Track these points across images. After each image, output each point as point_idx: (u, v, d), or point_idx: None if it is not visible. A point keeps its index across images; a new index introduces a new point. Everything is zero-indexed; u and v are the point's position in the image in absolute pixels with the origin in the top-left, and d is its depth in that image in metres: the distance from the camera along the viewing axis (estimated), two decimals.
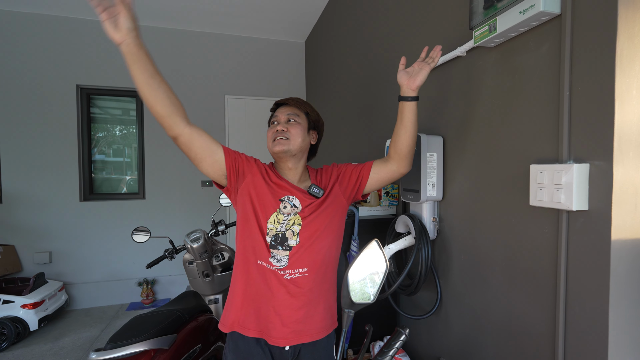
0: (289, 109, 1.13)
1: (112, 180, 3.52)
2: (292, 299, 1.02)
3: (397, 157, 1.12)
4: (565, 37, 0.83)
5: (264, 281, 1.02)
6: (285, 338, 1.01)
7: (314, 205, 1.06)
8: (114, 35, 0.82)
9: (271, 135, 1.10)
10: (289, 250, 1.02)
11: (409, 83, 1.05)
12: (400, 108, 1.09)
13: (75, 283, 3.27)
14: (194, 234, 2.04)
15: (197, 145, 0.99)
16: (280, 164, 1.13)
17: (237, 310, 1.05)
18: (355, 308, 0.62)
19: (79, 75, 3.24)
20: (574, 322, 0.83)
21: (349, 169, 1.16)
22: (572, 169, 0.79)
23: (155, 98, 0.89)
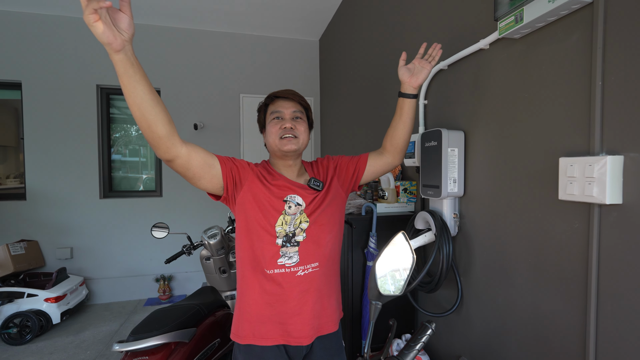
0: (292, 105, 1.08)
1: (129, 178, 3.60)
2: (307, 296, 1.02)
3: (393, 150, 1.16)
4: (597, 25, 0.80)
5: (279, 286, 1.00)
6: (307, 336, 1.01)
7: (318, 201, 1.06)
8: (114, 39, 0.69)
9: (277, 132, 1.05)
10: (297, 246, 1.02)
11: (410, 81, 1.09)
12: (400, 104, 1.11)
13: (95, 278, 3.35)
14: (211, 231, 2.06)
15: (195, 165, 0.91)
16: (281, 161, 1.09)
17: (253, 322, 1.01)
18: (383, 300, 0.62)
19: (99, 76, 3.32)
20: (606, 322, 0.80)
21: (344, 162, 1.16)
22: (605, 161, 0.76)
23: (155, 116, 0.78)
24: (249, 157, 3.68)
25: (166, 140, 0.82)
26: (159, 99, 0.80)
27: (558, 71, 0.92)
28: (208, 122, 3.57)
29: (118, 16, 0.70)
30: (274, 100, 1.10)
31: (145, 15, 3.23)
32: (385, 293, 0.61)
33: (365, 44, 2.45)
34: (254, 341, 1.00)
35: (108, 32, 0.68)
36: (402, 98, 1.11)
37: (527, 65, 1.02)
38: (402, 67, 1.11)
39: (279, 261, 1.00)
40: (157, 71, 3.43)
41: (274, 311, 1.00)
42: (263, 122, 1.13)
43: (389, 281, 0.62)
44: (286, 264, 1.00)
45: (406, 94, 1.10)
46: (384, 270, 0.63)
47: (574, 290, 0.88)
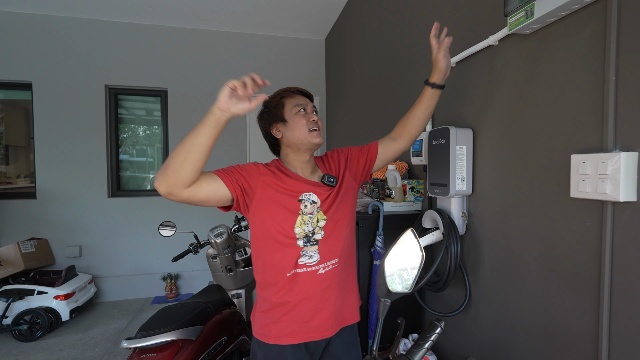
0: (309, 101, 1.09)
1: (137, 178, 3.63)
2: (329, 292, 1.02)
3: (408, 137, 1.16)
4: (611, 19, 0.78)
5: (301, 286, 1.00)
6: (329, 329, 1.02)
7: (332, 197, 1.05)
8: (227, 102, 0.82)
9: (307, 124, 1.03)
10: (316, 245, 1.01)
11: (446, 73, 1.11)
12: (431, 94, 1.11)
13: (104, 276, 3.39)
14: (217, 229, 2.07)
15: (199, 199, 0.90)
16: (298, 156, 1.06)
17: (276, 321, 1.01)
18: (392, 297, 0.61)
19: (108, 76, 3.35)
20: (620, 322, 0.79)
21: (354, 153, 1.15)
22: (619, 157, 0.75)
23: (196, 164, 0.84)
24: (255, 156, 3.70)
25: (181, 185, 0.84)
26: (207, 158, 0.86)
27: (570, 67, 0.90)
28: None
29: (247, 100, 0.85)
30: (292, 94, 1.08)
31: (152, 16, 3.26)
32: (394, 290, 0.61)
33: (371, 43, 2.43)
34: (278, 341, 1.00)
35: (231, 97, 0.82)
36: (435, 89, 1.12)
37: (537, 61, 1.01)
38: (445, 56, 1.10)
39: (300, 261, 1.00)
40: (163, 71, 3.46)
41: (298, 310, 1.00)
42: (281, 117, 1.05)
43: (398, 279, 0.62)
44: (307, 263, 1.00)
45: (441, 86, 1.12)
46: (392, 268, 0.62)
47: (586, 290, 0.87)
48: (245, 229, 2.28)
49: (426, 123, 1.17)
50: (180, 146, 0.83)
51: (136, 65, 3.41)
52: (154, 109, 3.65)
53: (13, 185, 3.40)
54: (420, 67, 1.72)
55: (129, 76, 3.40)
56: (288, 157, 1.09)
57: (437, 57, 1.10)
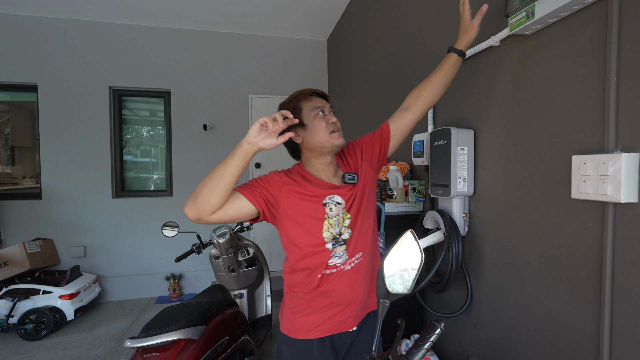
0: (326, 103, 1.06)
1: (140, 178, 3.66)
2: (356, 286, 1.03)
3: (423, 104, 1.11)
4: (612, 19, 0.78)
5: (329, 284, 1.01)
6: (356, 317, 1.05)
7: (354, 194, 1.05)
8: (256, 137, 0.86)
9: (327, 126, 1.01)
10: (344, 244, 1.02)
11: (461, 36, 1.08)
12: (454, 61, 1.09)
13: (108, 276, 3.42)
14: (220, 230, 2.08)
15: (227, 220, 0.94)
16: (320, 159, 1.05)
17: (304, 317, 1.03)
18: (391, 298, 0.61)
19: (111, 78, 3.38)
20: (621, 323, 0.78)
21: (367, 141, 1.13)
22: (620, 158, 0.75)
23: (225, 193, 0.88)
24: (257, 157, 3.71)
25: (209, 212, 0.89)
26: (233, 186, 0.91)
27: (571, 67, 0.90)
28: (217, 123, 3.60)
29: (276, 135, 0.89)
30: (309, 97, 1.06)
31: (155, 18, 3.28)
32: (393, 292, 0.61)
33: (373, 43, 2.44)
34: (305, 335, 1.02)
35: (259, 132, 0.87)
36: (460, 57, 1.09)
37: (538, 61, 1.00)
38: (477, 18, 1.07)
39: (330, 262, 1.01)
40: (166, 72, 3.48)
41: (327, 307, 1.02)
42: (300, 121, 1.03)
43: (397, 280, 0.62)
44: (337, 263, 1.01)
45: (453, 49, 1.09)
46: (392, 269, 0.62)
47: (588, 291, 0.86)
48: (247, 229, 2.29)
49: (442, 93, 1.12)
50: (210, 176, 0.88)
51: (140, 67, 3.43)
52: (158, 110, 3.67)
53: (19, 186, 3.43)
54: (422, 67, 1.72)
55: (132, 78, 3.42)
56: (310, 160, 1.07)
57: (473, 24, 1.05)
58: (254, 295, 2.35)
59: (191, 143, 3.56)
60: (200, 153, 3.58)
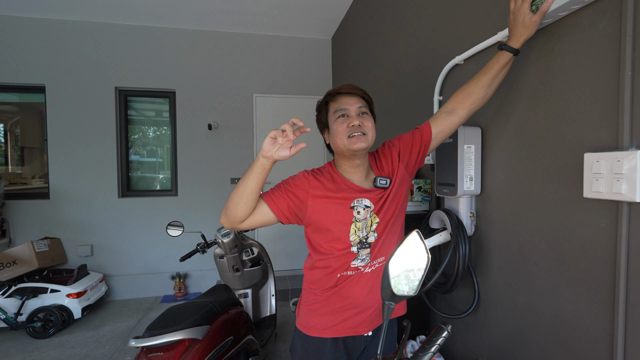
0: (357, 101, 1.00)
1: (146, 178, 3.68)
2: (376, 289, 1.01)
3: (471, 107, 1.04)
4: (627, 11, 0.75)
5: (350, 287, 1.00)
6: (372, 322, 1.03)
7: (384, 197, 1.02)
8: (270, 150, 0.88)
9: (345, 130, 0.97)
10: (369, 247, 1.01)
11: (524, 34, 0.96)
12: (508, 60, 0.98)
13: (114, 275, 3.44)
14: (224, 229, 2.08)
15: (257, 223, 0.97)
16: (348, 162, 1.02)
17: (320, 315, 1.03)
18: (397, 300, 0.60)
19: (118, 78, 3.41)
20: (636, 327, 0.75)
21: (406, 143, 1.07)
22: (636, 156, 0.72)
23: (250, 205, 0.92)
24: None
25: (239, 221, 0.95)
26: (258, 196, 0.95)
27: (583, 62, 0.87)
28: (222, 122, 3.61)
29: (288, 145, 0.90)
30: (335, 97, 1.02)
31: (160, 18, 3.29)
32: (399, 293, 0.59)
33: (377, 42, 2.41)
34: (319, 333, 1.02)
35: (273, 145, 0.89)
36: (513, 55, 0.98)
37: (549, 56, 0.97)
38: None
39: (352, 264, 1.00)
40: (172, 72, 3.50)
41: (343, 308, 1.01)
42: (325, 122, 1.04)
43: (403, 281, 0.60)
44: (358, 265, 1.00)
45: (507, 47, 0.98)
46: (397, 270, 0.61)
47: (601, 293, 0.84)
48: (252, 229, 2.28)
49: (492, 95, 1.05)
50: (235, 190, 0.93)
51: (145, 67, 3.45)
52: (163, 110, 3.69)
53: (28, 186, 3.47)
54: (427, 64, 1.70)
55: (138, 78, 3.44)
56: (339, 162, 1.05)
57: (535, 20, 0.92)
58: (258, 295, 2.35)
59: (196, 143, 3.57)
60: (205, 153, 3.58)
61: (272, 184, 3.72)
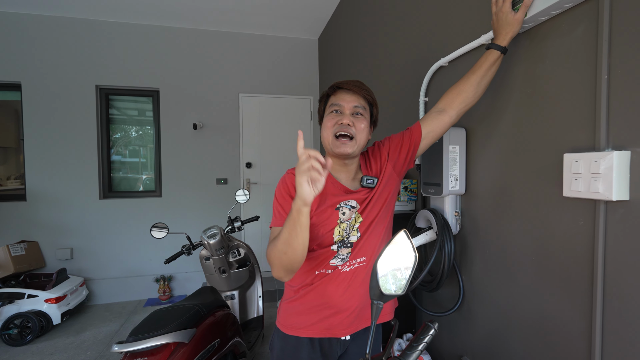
0: (355, 99, 0.97)
1: (129, 179, 3.59)
2: (353, 290, 1.00)
3: (461, 106, 1.05)
4: (603, 17, 0.78)
5: (325, 285, 0.99)
6: (350, 326, 1.01)
7: (370, 197, 1.01)
8: (311, 192, 0.75)
9: (332, 127, 0.94)
10: (350, 247, 0.99)
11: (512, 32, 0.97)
12: (496, 58, 0.99)
13: (96, 279, 3.35)
14: (210, 230, 2.05)
15: None
16: (337, 159, 1.00)
17: (298, 314, 1.02)
18: (385, 300, 0.60)
19: (98, 76, 3.31)
20: (612, 321, 0.79)
21: (396, 143, 1.07)
22: (612, 156, 0.75)
23: (305, 253, 0.86)
24: (248, 156, 3.67)
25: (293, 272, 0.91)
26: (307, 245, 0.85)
27: (562, 65, 0.90)
28: (207, 122, 3.56)
29: (321, 179, 0.77)
30: (335, 91, 0.99)
31: (143, 15, 3.22)
32: (387, 292, 0.60)
33: (364, 43, 2.43)
34: (296, 332, 1.01)
35: (311, 189, 0.75)
36: (501, 54, 0.99)
37: (530, 59, 1.00)
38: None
39: (331, 262, 0.98)
40: (155, 71, 3.42)
41: (320, 307, 1.00)
42: (322, 114, 1.03)
43: (391, 280, 0.61)
44: (338, 264, 0.99)
45: (495, 46, 0.99)
46: (385, 269, 0.61)
47: (579, 289, 0.87)
48: (238, 229, 2.26)
49: (482, 93, 1.05)
50: (284, 253, 0.84)
51: (127, 65, 3.37)
52: (147, 109, 3.61)
53: (3, 188, 3.33)
54: (413, 66, 1.72)
55: (120, 76, 3.35)
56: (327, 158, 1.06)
57: (518, 18, 0.93)
58: (245, 296, 2.33)
59: (181, 143, 3.50)
60: (190, 153, 3.53)
61: (258, 183, 3.70)
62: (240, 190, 2.33)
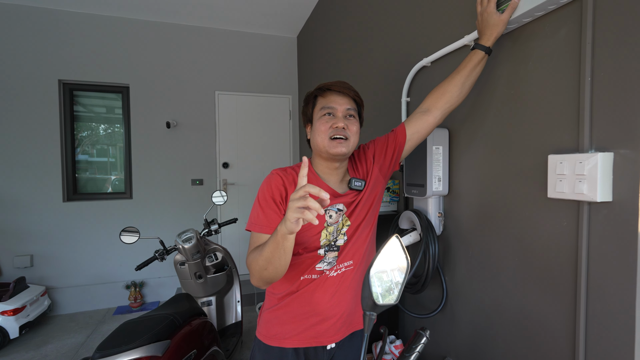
0: (347, 102, 0.96)
1: (96, 180, 3.38)
2: (340, 295, 0.97)
3: (446, 107, 1.04)
4: (586, 20, 0.79)
5: (311, 292, 0.95)
6: (337, 333, 0.98)
7: (358, 200, 0.99)
8: (296, 227, 0.70)
9: (327, 130, 0.93)
10: (337, 250, 0.96)
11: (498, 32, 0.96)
12: (480, 58, 0.99)
13: (59, 287, 3.12)
14: (185, 234, 1.95)
15: None
16: (326, 162, 0.98)
17: (281, 323, 0.97)
18: (378, 310, 0.57)
19: (62, 70, 3.09)
20: (596, 321, 0.79)
21: (381, 145, 1.06)
22: (596, 158, 0.75)
23: (281, 274, 0.83)
24: (225, 156, 3.56)
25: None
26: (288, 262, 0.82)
27: (546, 67, 0.90)
28: (182, 120, 3.41)
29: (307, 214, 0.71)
30: (325, 93, 0.97)
31: (113, 7, 3.04)
32: (380, 303, 0.56)
33: (344, 41, 2.40)
34: (280, 343, 0.96)
35: (296, 223, 0.69)
36: (486, 54, 0.99)
37: (513, 61, 1.01)
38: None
39: (317, 266, 0.95)
40: (125, 66, 3.24)
41: (305, 314, 0.95)
42: (310, 116, 1.00)
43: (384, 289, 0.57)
44: (325, 269, 0.95)
45: (480, 46, 0.98)
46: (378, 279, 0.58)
47: (563, 290, 0.87)
48: (215, 232, 2.17)
49: (467, 93, 1.04)
50: (265, 268, 0.80)
51: (94, 59, 3.16)
52: (116, 107, 3.41)
53: None
54: (395, 66, 1.71)
55: (86, 71, 3.15)
56: (316, 161, 1.01)
57: (503, 19, 0.93)
58: (223, 301, 2.24)
59: (153, 142, 3.34)
60: (163, 152, 3.37)
61: (236, 184, 3.60)
62: (217, 192, 2.24)
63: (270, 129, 3.71)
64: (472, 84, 1.04)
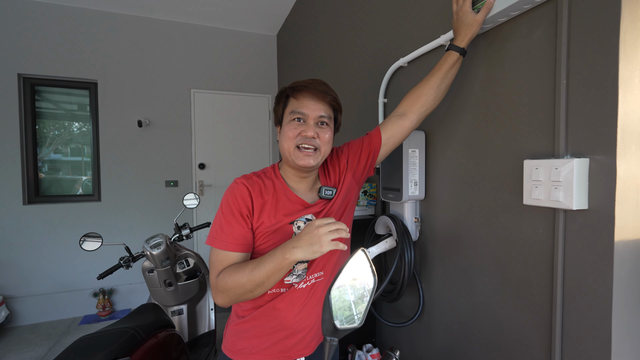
0: (321, 107, 0.88)
1: (64, 181, 3.18)
2: (310, 307, 0.91)
3: (422, 110, 1.01)
4: (562, 20, 0.76)
5: (278, 306, 0.89)
6: (307, 346, 0.92)
7: (327, 207, 0.93)
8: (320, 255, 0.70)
9: (295, 138, 0.86)
10: (306, 262, 0.90)
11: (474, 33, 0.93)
12: (456, 60, 0.96)
13: (18, 296, 2.91)
14: (154, 240, 1.84)
15: None
16: (294, 171, 0.92)
17: (248, 337, 0.91)
18: (339, 335, 0.51)
19: (21, 63, 2.88)
20: (572, 329, 0.77)
21: (355, 150, 1.01)
22: (572, 163, 0.72)
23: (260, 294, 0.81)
24: (202, 156, 3.43)
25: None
26: None
27: (521, 69, 0.87)
28: (155, 119, 3.26)
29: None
30: (299, 94, 0.87)
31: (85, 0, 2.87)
32: (342, 327, 0.50)
33: (322, 40, 2.35)
34: (247, 358, 0.90)
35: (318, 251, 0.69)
36: (460, 56, 0.96)
37: (489, 62, 0.97)
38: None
39: (286, 280, 0.89)
40: (93, 61, 3.07)
41: (274, 327, 0.89)
42: (280, 117, 0.92)
43: (346, 312, 0.51)
44: (293, 282, 0.89)
45: (454, 47, 0.95)
46: (341, 299, 0.52)
47: (539, 298, 0.84)
48: (187, 237, 2.07)
49: (443, 96, 1.02)
50: (247, 284, 0.77)
51: (59, 53, 2.97)
52: (83, 103, 3.22)
53: None
54: (372, 66, 1.66)
55: (48, 64, 2.95)
56: (285, 168, 0.94)
57: (478, 19, 0.89)
58: (195, 310, 2.13)
59: (123, 141, 3.18)
60: (135, 152, 3.21)
61: (212, 186, 3.48)
62: (190, 194, 2.13)
63: (248, 129, 3.61)
64: (447, 86, 1.01)
